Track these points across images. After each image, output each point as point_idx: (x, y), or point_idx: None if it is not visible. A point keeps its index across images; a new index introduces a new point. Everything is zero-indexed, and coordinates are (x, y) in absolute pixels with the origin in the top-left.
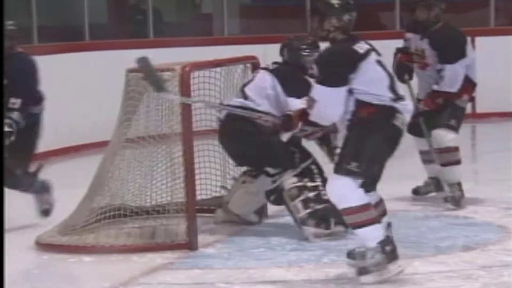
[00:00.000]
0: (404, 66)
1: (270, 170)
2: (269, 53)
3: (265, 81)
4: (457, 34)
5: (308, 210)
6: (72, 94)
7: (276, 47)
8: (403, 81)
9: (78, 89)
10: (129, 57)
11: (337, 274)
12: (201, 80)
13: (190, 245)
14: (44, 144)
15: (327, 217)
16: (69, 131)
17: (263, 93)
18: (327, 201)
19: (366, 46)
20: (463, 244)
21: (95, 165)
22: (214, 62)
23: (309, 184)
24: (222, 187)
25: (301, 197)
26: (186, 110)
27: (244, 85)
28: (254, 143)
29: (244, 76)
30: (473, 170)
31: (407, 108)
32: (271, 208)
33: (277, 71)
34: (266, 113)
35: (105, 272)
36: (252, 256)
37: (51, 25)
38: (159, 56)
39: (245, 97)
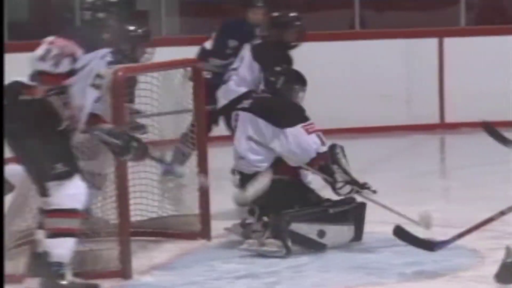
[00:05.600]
0: None
1: None
2: None
3: None
4: None
5: None
6: None
7: None
8: None
9: None
10: None
11: None
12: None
13: (124, 272)
14: None
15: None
16: None
17: None
18: None
19: None
20: (432, 270)
21: None
22: (150, 66)
23: None
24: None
25: None
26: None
27: None
28: None
29: (185, 81)
30: (443, 187)
31: None
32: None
33: None
34: None
35: None
36: (196, 284)
37: None
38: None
39: None
